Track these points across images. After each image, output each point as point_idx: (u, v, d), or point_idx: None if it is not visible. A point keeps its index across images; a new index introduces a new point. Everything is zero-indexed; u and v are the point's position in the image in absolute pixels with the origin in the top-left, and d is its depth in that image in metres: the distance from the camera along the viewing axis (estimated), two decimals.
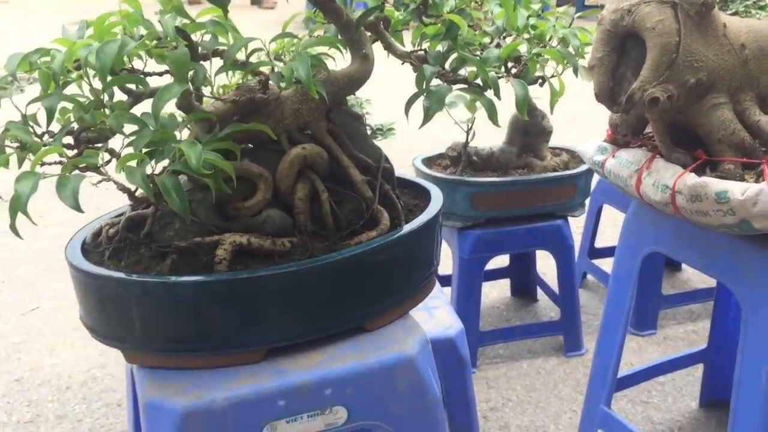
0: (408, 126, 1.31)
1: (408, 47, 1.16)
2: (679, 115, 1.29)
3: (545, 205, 2.06)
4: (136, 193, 0.97)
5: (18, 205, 0.80)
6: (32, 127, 0.96)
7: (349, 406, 1.01)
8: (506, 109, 1.11)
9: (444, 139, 2.20)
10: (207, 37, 0.99)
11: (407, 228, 1.09)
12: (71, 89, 0.97)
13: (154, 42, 0.90)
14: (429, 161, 2.16)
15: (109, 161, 0.92)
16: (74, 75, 0.97)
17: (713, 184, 1.19)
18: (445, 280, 2.34)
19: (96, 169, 0.90)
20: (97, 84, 0.97)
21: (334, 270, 1.01)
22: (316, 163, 1.08)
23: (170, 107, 0.99)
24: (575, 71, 1.23)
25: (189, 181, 1.02)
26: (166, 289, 0.96)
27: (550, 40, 1.21)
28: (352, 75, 1.08)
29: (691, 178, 1.23)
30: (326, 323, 1.04)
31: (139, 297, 0.97)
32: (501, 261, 2.66)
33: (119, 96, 1.05)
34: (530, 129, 2.09)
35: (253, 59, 0.98)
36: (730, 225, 1.19)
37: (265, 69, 0.97)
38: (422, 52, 1.08)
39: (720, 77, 1.25)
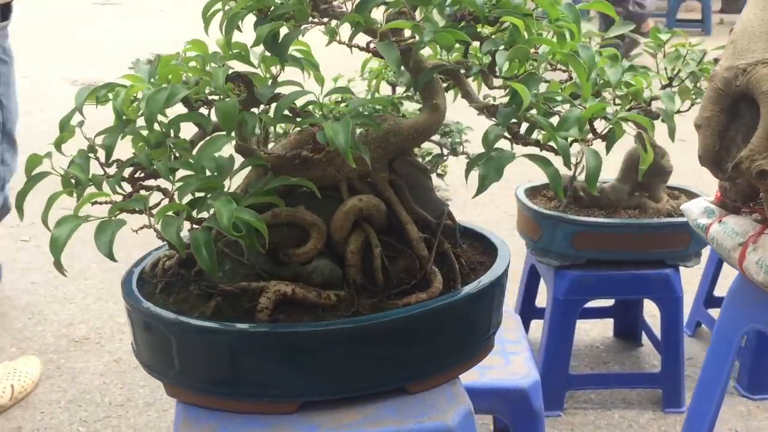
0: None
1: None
2: None
3: (655, 251, 1.92)
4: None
5: (53, 250, 0.82)
6: (97, 159, 0.98)
7: None
8: (622, 142, 1.01)
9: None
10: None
11: (462, 292, 1.03)
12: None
13: (208, 90, 0.89)
14: (533, 191, 2.06)
15: (158, 204, 0.92)
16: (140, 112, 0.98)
17: None
18: (540, 313, 2.25)
19: (140, 213, 0.91)
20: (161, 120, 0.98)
21: (377, 331, 0.97)
22: (373, 215, 1.04)
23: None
24: (671, 135, 1.12)
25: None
26: (205, 333, 0.96)
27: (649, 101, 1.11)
28: (419, 126, 1.03)
29: None
30: (365, 382, 1.00)
31: (179, 337, 0.98)
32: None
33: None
34: None
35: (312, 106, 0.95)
36: None
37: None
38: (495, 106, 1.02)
39: None
